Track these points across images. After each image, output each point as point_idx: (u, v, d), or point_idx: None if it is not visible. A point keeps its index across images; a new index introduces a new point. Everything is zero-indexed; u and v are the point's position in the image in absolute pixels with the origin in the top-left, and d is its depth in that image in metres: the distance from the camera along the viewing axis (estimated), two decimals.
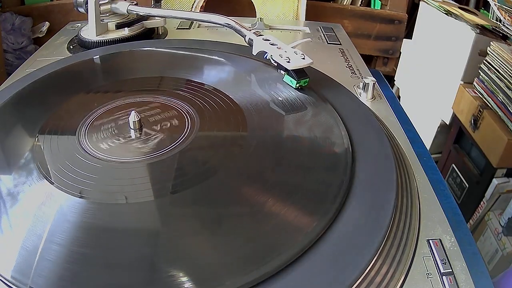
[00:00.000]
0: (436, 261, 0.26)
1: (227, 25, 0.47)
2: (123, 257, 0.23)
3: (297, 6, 0.76)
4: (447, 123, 0.95)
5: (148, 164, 0.30)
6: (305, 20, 0.76)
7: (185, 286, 0.21)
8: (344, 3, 0.95)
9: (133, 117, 0.32)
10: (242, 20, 0.48)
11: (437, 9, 0.95)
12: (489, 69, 0.78)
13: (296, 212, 0.26)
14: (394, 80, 1.16)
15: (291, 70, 0.37)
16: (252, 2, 0.77)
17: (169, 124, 0.33)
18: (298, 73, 0.37)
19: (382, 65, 0.99)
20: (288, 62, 0.37)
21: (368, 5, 0.97)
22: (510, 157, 0.73)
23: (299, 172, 0.29)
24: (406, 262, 0.25)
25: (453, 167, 0.91)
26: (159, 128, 0.33)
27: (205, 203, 0.27)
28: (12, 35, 0.84)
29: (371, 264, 0.23)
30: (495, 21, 0.88)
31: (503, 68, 0.74)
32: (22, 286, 0.21)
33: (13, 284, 0.22)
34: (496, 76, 0.76)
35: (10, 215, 0.26)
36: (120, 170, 0.29)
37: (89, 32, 0.52)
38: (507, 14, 0.83)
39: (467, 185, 0.85)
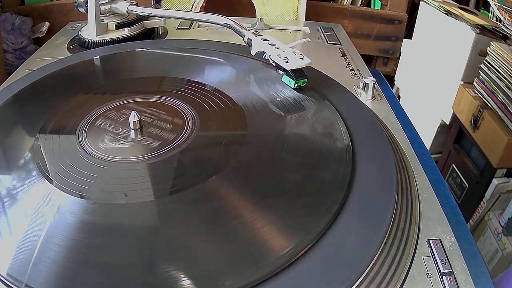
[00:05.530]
0: (436, 261, 0.26)
1: (226, 25, 0.47)
2: (122, 257, 0.23)
3: (297, 6, 0.76)
4: (447, 123, 0.95)
5: (148, 164, 0.29)
6: (305, 20, 0.76)
7: (185, 286, 0.21)
8: (344, 3, 0.95)
9: (133, 117, 0.32)
10: (242, 20, 0.48)
11: (437, 9, 0.95)
12: (489, 69, 0.78)
13: (296, 212, 0.26)
14: (394, 80, 1.16)
15: (289, 70, 0.37)
16: (252, 2, 0.77)
17: (169, 124, 0.33)
18: (297, 73, 0.37)
19: (382, 65, 0.99)
20: (287, 62, 0.37)
21: (368, 5, 0.97)
22: (510, 157, 0.73)
23: (299, 172, 0.29)
24: (406, 262, 0.25)
25: (453, 167, 0.91)
26: (159, 128, 0.33)
27: (205, 203, 0.27)
28: (12, 35, 0.84)
29: (371, 264, 0.23)
30: (495, 21, 0.88)
31: (503, 68, 0.74)
32: (18, 284, 0.21)
33: (10, 282, 0.22)
34: (496, 76, 0.76)
35: (9, 214, 0.26)
36: (120, 170, 0.29)
37: (89, 32, 0.52)
38: (507, 14, 0.83)
39: (467, 185, 0.85)
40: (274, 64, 0.39)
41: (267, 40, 0.41)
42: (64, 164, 0.29)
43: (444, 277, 0.25)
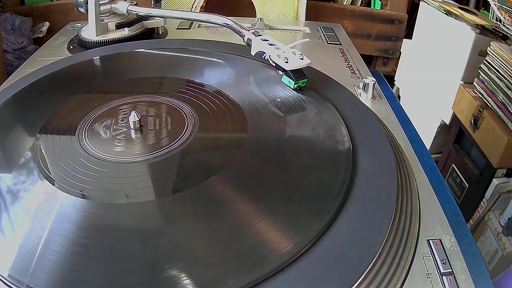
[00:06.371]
0: (436, 261, 0.26)
1: (225, 25, 0.47)
2: (123, 256, 0.23)
3: (297, 6, 0.76)
4: (447, 123, 0.95)
5: (148, 164, 0.29)
6: (305, 20, 0.76)
7: (186, 286, 0.21)
8: (344, 3, 0.95)
9: (133, 117, 0.32)
10: (242, 20, 0.48)
11: (437, 9, 0.95)
12: (489, 69, 0.78)
13: (296, 212, 0.26)
14: (394, 80, 1.16)
15: (289, 70, 0.37)
16: (252, 2, 0.77)
17: (169, 124, 0.33)
18: (296, 74, 0.37)
19: (382, 65, 0.99)
20: (286, 62, 0.37)
21: (368, 5, 0.97)
22: (510, 157, 0.73)
23: (299, 172, 0.29)
24: (406, 262, 0.25)
25: (453, 167, 0.91)
26: (159, 128, 0.33)
27: (205, 203, 0.27)
28: (12, 35, 0.84)
29: (371, 264, 0.23)
30: (495, 21, 0.88)
31: (503, 68, 0.74)
32: (19, 285, 0.21)
33: (11, 283, 0.22)
34: (496, 76, 0.76)
35: (10, 215, 0.26)
36: (120, 170, 0.29)
37: (89, 32, 0.52)
38: (507, 14, 0.83)
39: (467, 185, 0.85)
40: (274, 65, 0.39)
41: (267, 40, 0.41)
42: (64, 164, 0.29)
43: (444, 277, 0.25)
